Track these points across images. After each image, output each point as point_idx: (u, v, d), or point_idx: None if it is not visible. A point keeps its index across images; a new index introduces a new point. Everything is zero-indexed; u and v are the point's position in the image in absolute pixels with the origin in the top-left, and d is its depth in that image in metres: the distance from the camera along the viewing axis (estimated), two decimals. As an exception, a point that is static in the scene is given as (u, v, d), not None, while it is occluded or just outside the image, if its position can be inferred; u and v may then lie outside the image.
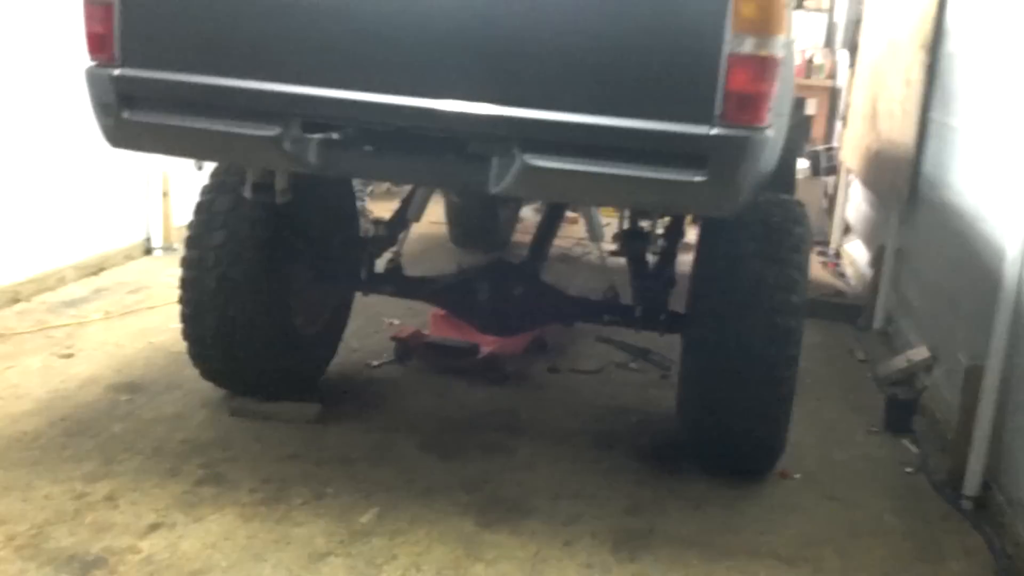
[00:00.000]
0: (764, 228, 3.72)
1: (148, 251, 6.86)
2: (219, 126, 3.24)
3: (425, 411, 4.50)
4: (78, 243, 6.16)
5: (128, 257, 6.65)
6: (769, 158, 3.16)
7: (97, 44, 3.29)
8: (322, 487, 3.71)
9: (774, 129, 2.98)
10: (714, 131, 2.82)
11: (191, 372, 4.41)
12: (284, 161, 3.27)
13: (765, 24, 2.78)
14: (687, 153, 2.86)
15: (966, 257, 4.47)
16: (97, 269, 6.32)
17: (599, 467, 4.06)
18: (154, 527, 3.37)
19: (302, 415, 4.26)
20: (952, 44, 5.31)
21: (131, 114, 3.30)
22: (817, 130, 9.41)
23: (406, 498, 3.67)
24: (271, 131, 3.17)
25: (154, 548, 3.25)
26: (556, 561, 3.34)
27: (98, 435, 4.01)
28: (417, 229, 5.00)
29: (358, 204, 7.82)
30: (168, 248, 6.86)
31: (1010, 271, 3.75)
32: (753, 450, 3.91)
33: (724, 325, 3.67)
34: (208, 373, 4.37)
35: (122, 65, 3.26)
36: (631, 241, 3.69)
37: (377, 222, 4.68)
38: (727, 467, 4.00)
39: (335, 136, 3.23)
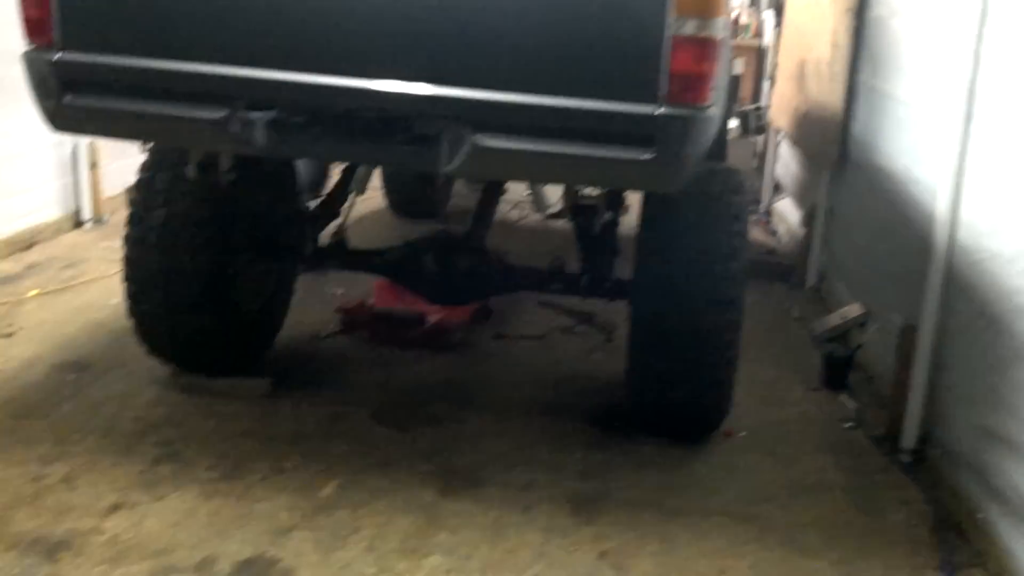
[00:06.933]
0: (704, 199, 3.79)
1: (78, 224, 6.72)
2: (164, 109, 3.21)
3: (375, 383, 4.54)
4: (6, 218, 6.04)
5: (58, 231, 6.52)
6: (712, 133, 3.24)
7: (34, 28, 3.21)
8: (280, 462, 3.74)
9: (716, 106, 3.05)
10: (660, 111, 2.90)
11: (135, 349, 4.37)
12: (231, 143, 3.26)
13: (706, 7, 2.85)
14: (634, 132, 2.93)
15: (897, 219, 4.61)
16: (28, 244, 6.19)
17: (550, 433, 4.13)
18: (115, 507, 3.38)
19: (253, 390, 4.28)
20: (879, 8, 5.43)
21: (73, 98, 3.24)
22: (745, 89, 9.51)
23: (364, 470, 3.72)
24: (217, 114, 3.15)
25: (117, 528, 3.26)
26: (516, 527, 3.42)
27: (47, 416, 3.99)
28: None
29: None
30: (98, 220, 6.75)
31: (940, 233, 3.89)
32: (700, 414, 4.03)
33: (669, 294, 3.74)
34: (155, 351, 4.35)
35: (62, 49, 3.19)
36: (580, 214, 3.77)
37: (320, 196, 4.66)
38: (675, 431, 4.10)
39: (283, 117, 3.22)
